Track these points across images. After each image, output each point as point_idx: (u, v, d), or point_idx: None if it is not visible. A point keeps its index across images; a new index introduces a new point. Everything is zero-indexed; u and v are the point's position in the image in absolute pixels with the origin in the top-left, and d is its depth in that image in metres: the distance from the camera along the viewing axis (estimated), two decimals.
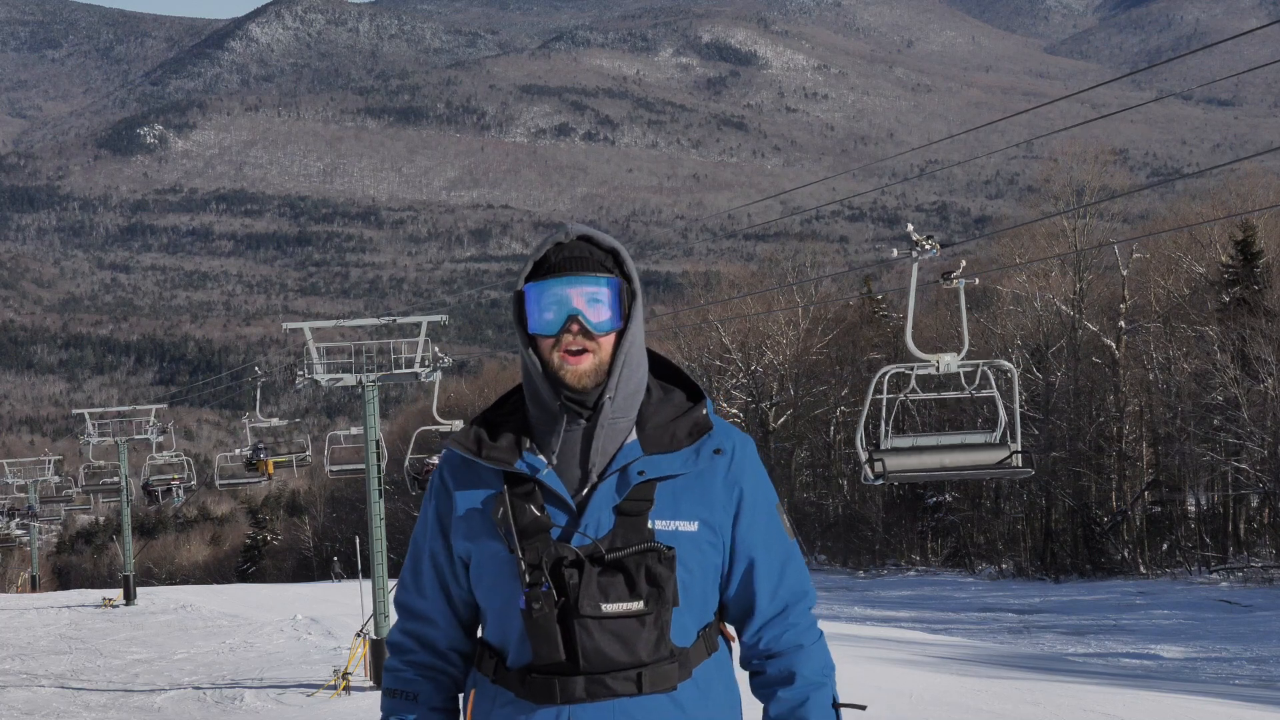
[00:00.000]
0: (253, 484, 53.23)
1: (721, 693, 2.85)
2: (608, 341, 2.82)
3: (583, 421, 2.83)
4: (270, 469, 40.08)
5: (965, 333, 20.60)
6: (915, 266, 17.40)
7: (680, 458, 2.82)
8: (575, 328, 2.79)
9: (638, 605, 2.69)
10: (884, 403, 18.02)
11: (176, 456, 47.87)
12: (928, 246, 17.05)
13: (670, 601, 2.72)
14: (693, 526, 2.79)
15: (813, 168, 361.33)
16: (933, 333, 55.68)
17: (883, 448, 17.42)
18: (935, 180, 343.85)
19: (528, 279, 2.86)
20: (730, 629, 2.95)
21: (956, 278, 20.69)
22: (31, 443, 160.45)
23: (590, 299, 2.80)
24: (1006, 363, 18.36)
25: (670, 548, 2.73)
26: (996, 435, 17.78)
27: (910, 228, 17.67)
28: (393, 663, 3.00)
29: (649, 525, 2.75)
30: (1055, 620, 33.30)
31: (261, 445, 39.98)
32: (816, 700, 2.87)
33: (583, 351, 2.80)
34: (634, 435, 2.85)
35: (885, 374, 18.15)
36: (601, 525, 2.75)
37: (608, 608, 2.68)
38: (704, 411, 2.89)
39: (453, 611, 2.93)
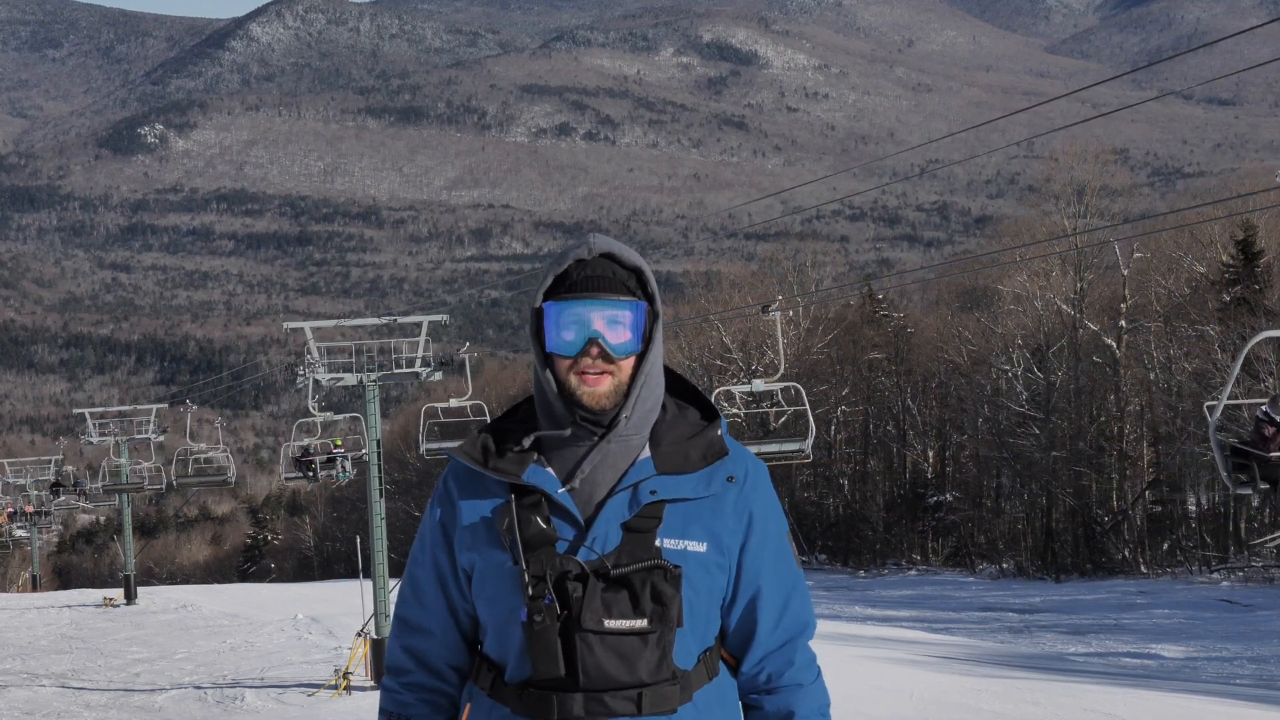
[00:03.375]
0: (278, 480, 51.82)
1: (721, 719, 2.80)
2: (627, 364, 2.76)
3: (595, 438, 2.77)
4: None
5: (781, 359, 27.83)
6: None
7: (692, 481, 2.76)
8: (595, 350, 2.72)
9: (641, 623, 2.62)
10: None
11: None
12: None
13: (675, 621, 2.65)
14: (701, 547, 2.73)
15: (813, 167, 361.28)
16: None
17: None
18: (936, 180, 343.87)
19: (547, 294, 2.77)
20: (729, 657, 2.88)
21: (774, 310, 26.39)
22: (32, 442, 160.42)
23: (611, 321, 2.73)
24: None
25: (677, 566, 2.67)
26: None
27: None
28: (389, 683, 2.92)
29: (657, 543, 2.70)
30: (1056, 620, 33.29)
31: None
32: None
33: (601, 374, 2.74)
34: (647, 452, 2.79)
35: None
36: (609, 541, 2.69)
37: (610, 624, 2.62)
38: (718, 433, 2.84)
39: (455, 624, 2.86)
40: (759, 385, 27.37)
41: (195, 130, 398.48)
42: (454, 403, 29.09)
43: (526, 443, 2.81)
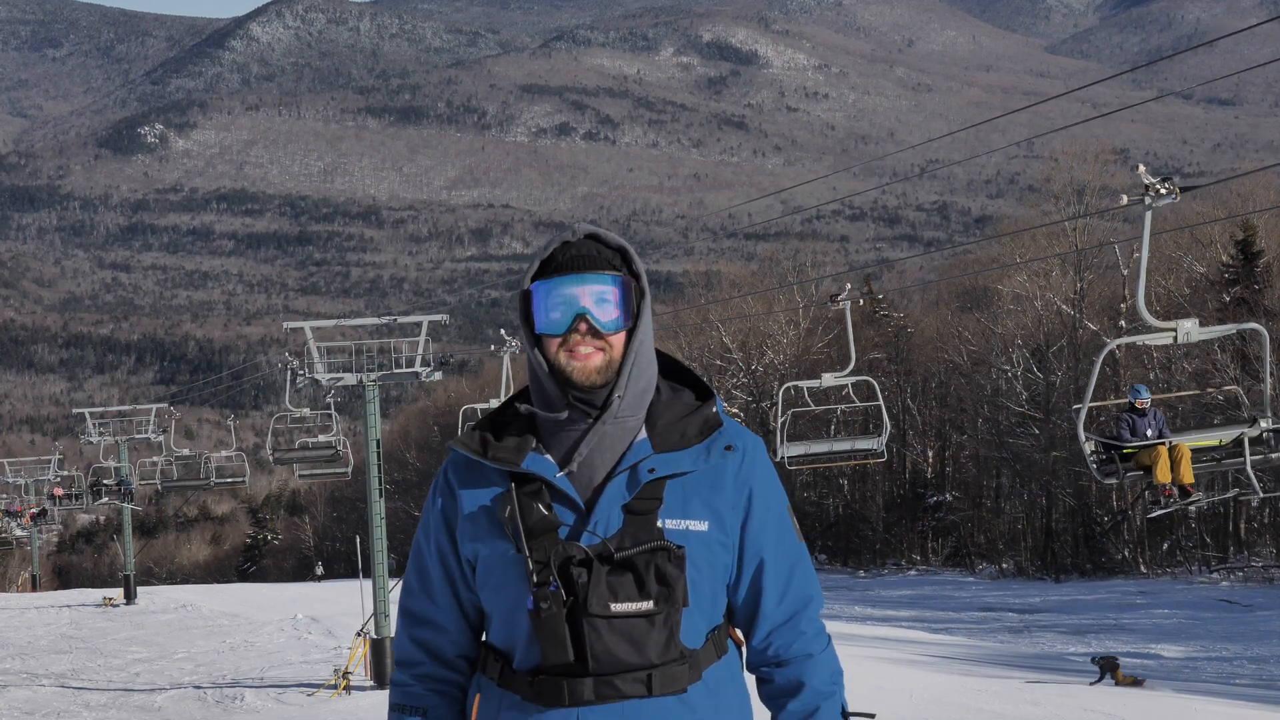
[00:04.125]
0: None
1: (732, 696, 2.80)
2: (617, 340, 2.77)
3: (590, 420, 2.78)
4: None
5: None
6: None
7: (690, 455, 2.77)
8: (583, 327, 2.74)
9: (647, 605, 2.63)
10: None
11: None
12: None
13: (680, 602, 2.67)
14: (703, 526, 2.74)
15: (813, 167, 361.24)
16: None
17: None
18: (936, 180, 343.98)
19: (534, 278, 2.80)
20: (738, 633, 2.90)
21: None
22: (32, 442, 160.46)
23: (598, 298, 2.75)
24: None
25: (680, 547, 2.68)
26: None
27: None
28: (400, 676, 2.93)
29: (658, 524, 2.71)
30: (1055, 620, 33.29)
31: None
32: (826, 710, 2.83)
33: (591, 350, 2.75)
34: (644, 433, 2.80)
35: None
36: (610, 524, 2.70)
37: (616, 607, 2.63)
38: (714, 409, 2.85)
39: (462, 615, 2.87)
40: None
41: (195, 130, 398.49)
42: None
43: (530, 442, 2.81)
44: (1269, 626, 29.19)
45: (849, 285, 25.63)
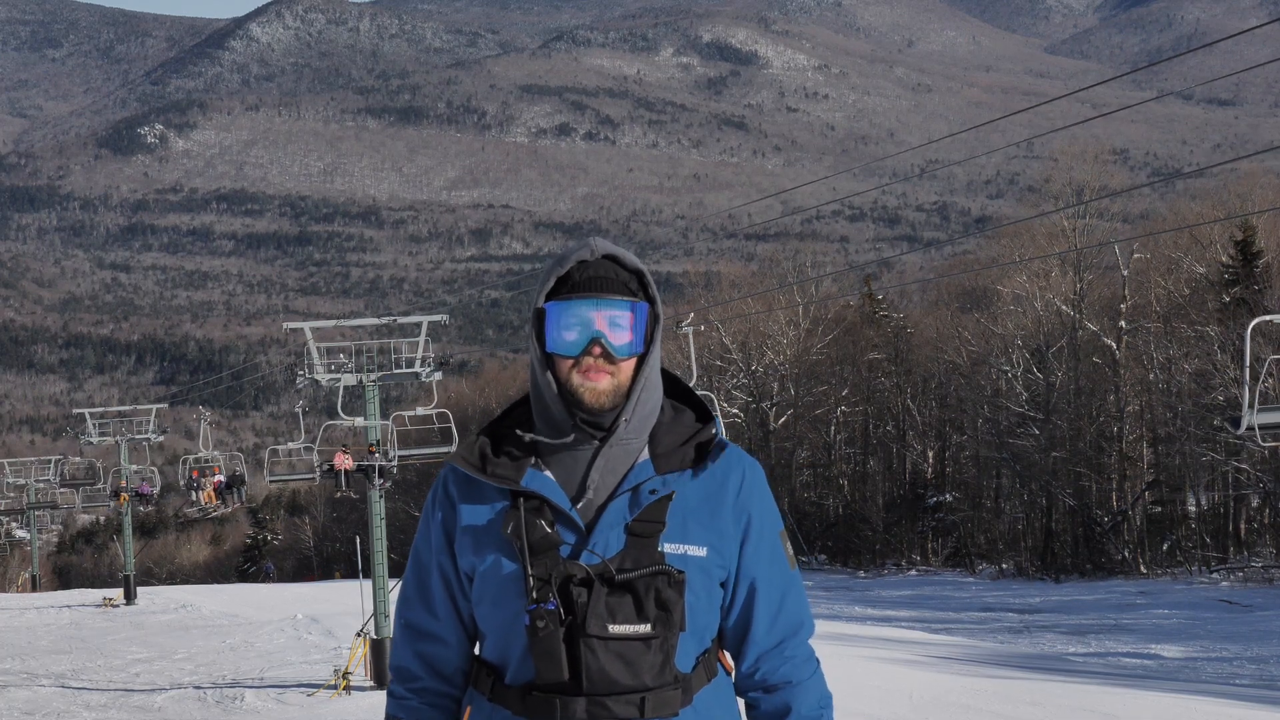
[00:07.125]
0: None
1: (720, 719, 2.82)
2: (628, 365, 2.76)
3: (595, 442, 2.77)
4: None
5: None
6: None
7: (691, 481, 2.78)
8: (597, 350, 2.73)
9: (645, 628, 2.63)
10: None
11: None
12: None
13: (678, 626, 2.67)
14: (701, 551, 2.75)
15: (813, 167, 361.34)
16: (933, 332, 55.73)
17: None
18: (935, 180, 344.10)
19: (549, 296, 2.77)
20: (729, 658, 2.90)
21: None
22: (32, 442, 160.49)
23: (613, 322, 2.73)
24: None
25: (681, 571, 2.68)
26: None
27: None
28: (398, 689, 2.91)
29: (659, 548, 2.71)
30: (1055, 620, 33.29)
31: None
32: None
33: (602, 372, 2.74)
34: (646, 454, 2.80)
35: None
36: (610, 545, 2.70)
37: (614, 629, 2.63)
38: (714, 432, 2.86)
39: (462, 628, 2.87)
40: None
41: (195, 130, 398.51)
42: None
43: (530, 458, 2.80)
44: (1269, 626, 29.20)
45: (692, 313, 29.26)
